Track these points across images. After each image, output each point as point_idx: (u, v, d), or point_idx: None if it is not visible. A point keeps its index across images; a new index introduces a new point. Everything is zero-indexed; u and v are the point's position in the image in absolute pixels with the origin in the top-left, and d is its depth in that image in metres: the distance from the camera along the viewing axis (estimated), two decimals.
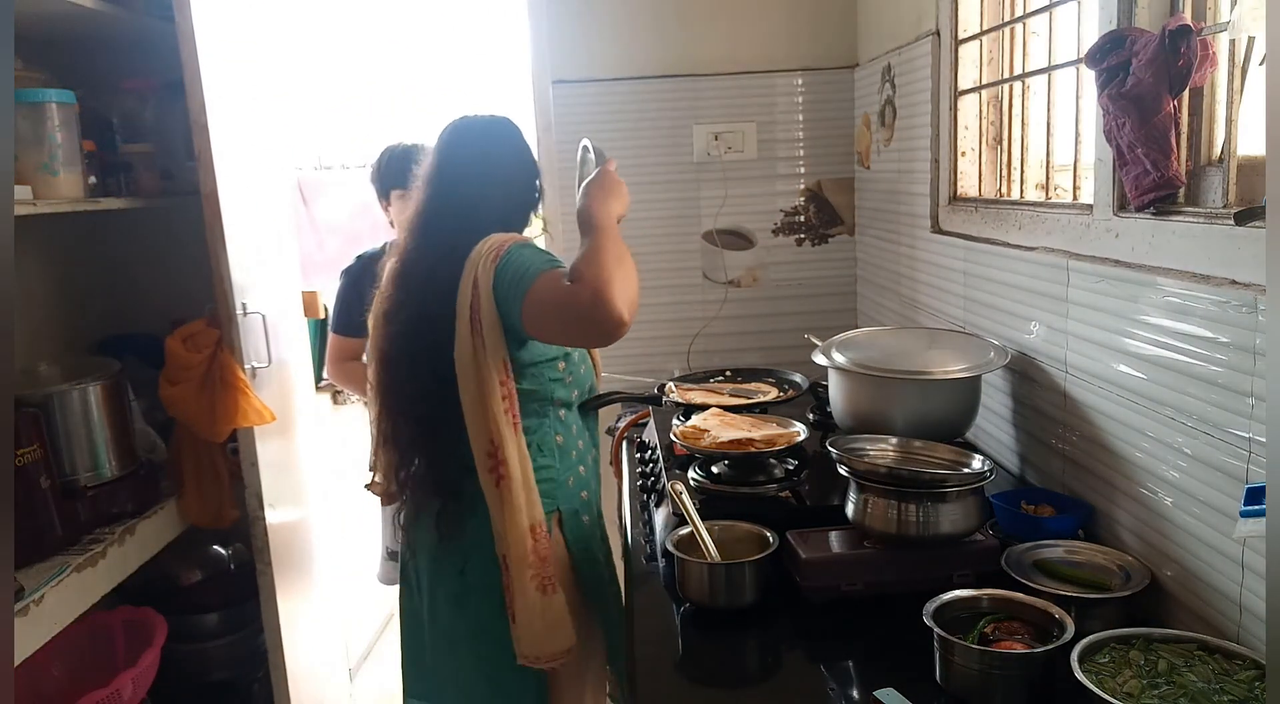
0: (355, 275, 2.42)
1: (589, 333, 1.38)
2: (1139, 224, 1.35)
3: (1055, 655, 1.09)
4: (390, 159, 2.44)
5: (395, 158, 2.42)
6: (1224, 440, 1.15)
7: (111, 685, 1.87)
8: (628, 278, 1.37)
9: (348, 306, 2.39)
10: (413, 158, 2.21)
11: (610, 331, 1.33)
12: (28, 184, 1.82)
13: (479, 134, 1.65)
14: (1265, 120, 0.87)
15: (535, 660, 1.52)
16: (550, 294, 1.40)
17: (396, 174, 2.37)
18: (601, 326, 1.33)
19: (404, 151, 2.43)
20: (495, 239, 1.52)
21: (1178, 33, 1.22)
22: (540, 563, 1.51)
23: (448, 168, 1.62)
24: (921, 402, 1.68)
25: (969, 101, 2.07)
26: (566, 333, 1.47)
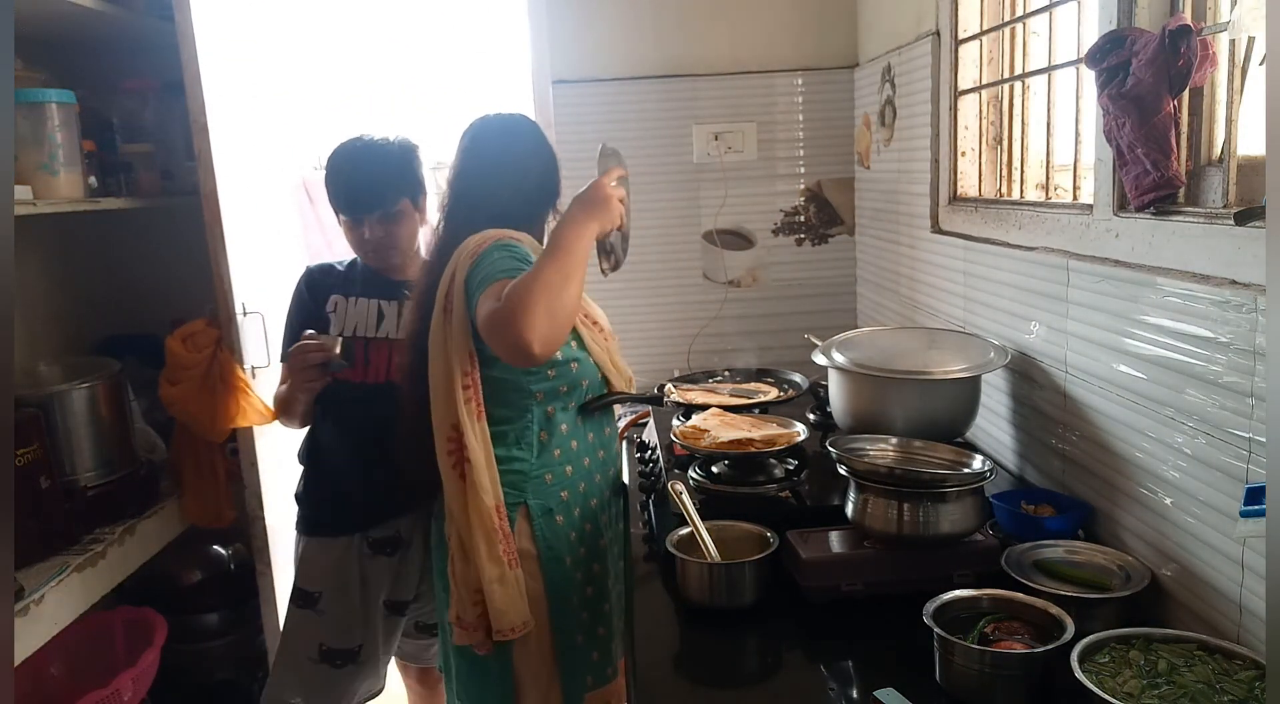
0: (299, 296, 1.95)
1: (502, 351, 1.38)
2: (1139, 224, 1.35)
3: (1055, 655, 1.09)
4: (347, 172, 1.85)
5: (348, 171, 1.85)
6: (1224, 440, 1.15)
7: (111, 685, 1.87)
8: (556, 308, 1.34)
9: (290, 333, 1.94)
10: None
11: (517, 357, 1.35)
12: (28, 184, 1.82)
13: (498, 132, 1.69)
14: (1265, 120, 0.87)
15: (508, 633, 1.51)
16: (484, 308, 1.42)
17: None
18: (511, 350, 1.34)
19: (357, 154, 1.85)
20: (484, 235, 1.55)
21: (1178, 33, 1.22)
22: (504, 539, 1.52)
23: (470, 166, 1.67)
24: (921, 402, 1.68)
25: (969, 101, 2.07)
26: (491, 345, 1.44)
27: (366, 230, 1.81)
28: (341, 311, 1.90)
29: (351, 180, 1.81)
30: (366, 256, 1.88)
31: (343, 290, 1.91)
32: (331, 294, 1.91)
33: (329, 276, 1.94)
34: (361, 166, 1.81)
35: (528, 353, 1.31)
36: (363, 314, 1.89)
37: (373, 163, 1.81)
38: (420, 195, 1.90)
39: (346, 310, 1.89)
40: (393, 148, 1.84)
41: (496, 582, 1.50)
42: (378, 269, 1.91)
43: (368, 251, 1.86)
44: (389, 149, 1.84)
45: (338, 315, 1.90)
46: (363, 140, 1.84)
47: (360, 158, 1.82)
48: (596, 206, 1.50)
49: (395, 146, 1.85)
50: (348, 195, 1.82)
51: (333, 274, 1.95)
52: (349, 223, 1.83)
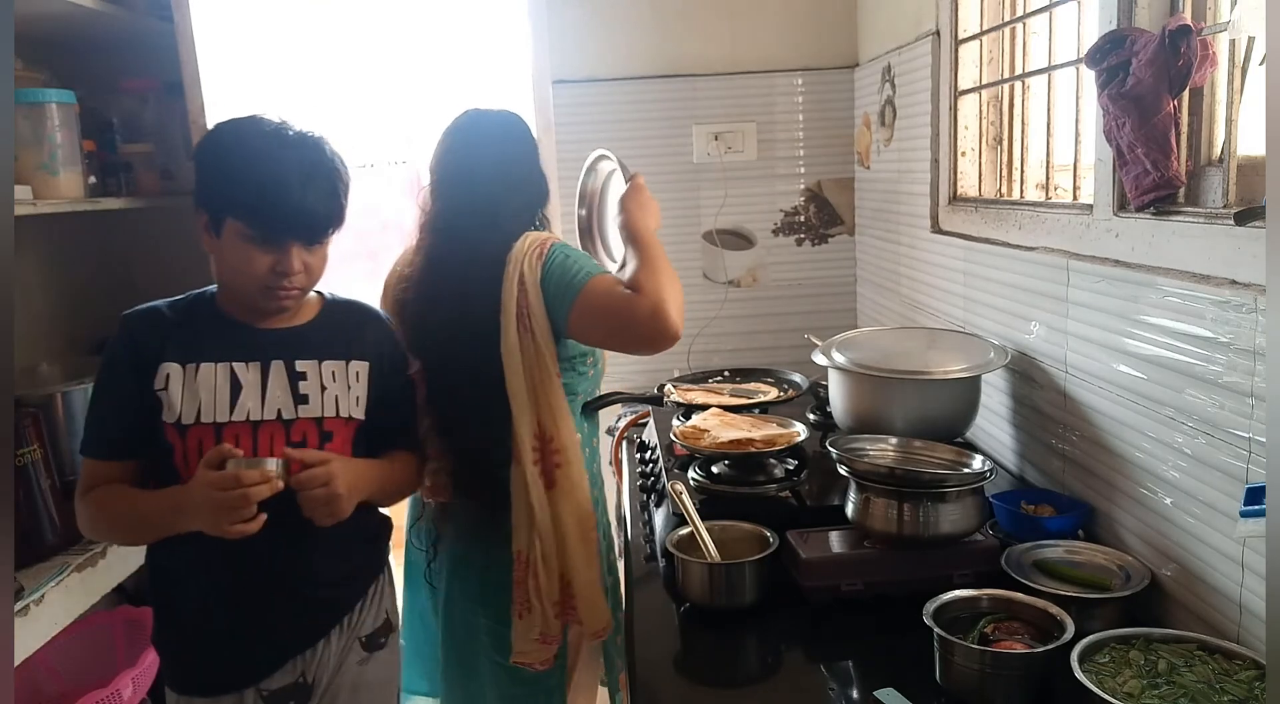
0: (114, 364, 1.37)
1: (641, 342, 1.41)
2: (1139, 224, 1.35)
3: (1055, 655, 1.09)
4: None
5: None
6: (1224, 440, 1.15)
7: (111, 685, 1.87)
8: (680, 294, 1.44)
9: (101, 420, 1.39)
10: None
11: (664, 343, 1.39)
12: (28, 184, 1.81)
13: (498, 133, 1.63)
14: (1265, 120, 0.87)
15: (603, 633, 1.56)
16: (607, 300, 1.43)
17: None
18: (657, 338, 1.38)
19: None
20: (535, 236, 1.54)
21: (1178, 33, 1.22)
22: (596, 541, 1.55)
23: (467, 166, 1.60)
24: (921, 402, 1.68)
25: (969, 101, 2.07)
26: (614, 338, 1.48)
27: (296, 261, 1.32)
28: (177, 392, 1.32)
29: (306, 190, 1.30)
30: (271, 297, 1.34)
31: (179, 355, 1.34)
32: (163, 363, 1.33)
33: (157, 331, 1.36)
34: (318, 172, 1.33)
35: (675, 334, 1.39)
36: (209, 389, 1.33)
37: (325, 165, 1.35)
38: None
39: (184, 388, 1.33)
40: (327, 144, 1.38)
41: (596, 583, 1.53)
42: (254, 314, 1.38)
43: (281, 290, 1.34)
44: (325, 146, 1.37)
45: (170, 396, 1.32)
46: (290, 130, 1.34)
47: (310, 159, 1.33)
48: (649, 205, 1.61)
49: (327, 142, 1.39)
50: (297, 211, 1.30)
51: (163, 326, 1.37)
52: (265, 248, 1.30)
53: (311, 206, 1.32)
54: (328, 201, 1.34)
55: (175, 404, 1.33)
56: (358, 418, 1.42)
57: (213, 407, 1.34)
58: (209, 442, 1.32)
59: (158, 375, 1.34)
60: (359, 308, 1.52)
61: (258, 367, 1.37)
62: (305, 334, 1.43)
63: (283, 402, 1.37)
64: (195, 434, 1.33)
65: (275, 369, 1.38)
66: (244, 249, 1.30)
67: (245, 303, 1.38)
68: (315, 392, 1.39)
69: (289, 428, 1.37)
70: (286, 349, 1.40)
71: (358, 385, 1.43)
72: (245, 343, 1.38)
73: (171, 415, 1.33)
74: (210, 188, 1.33)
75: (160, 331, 1.37)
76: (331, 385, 1.41)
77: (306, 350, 1.41)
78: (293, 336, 1.42)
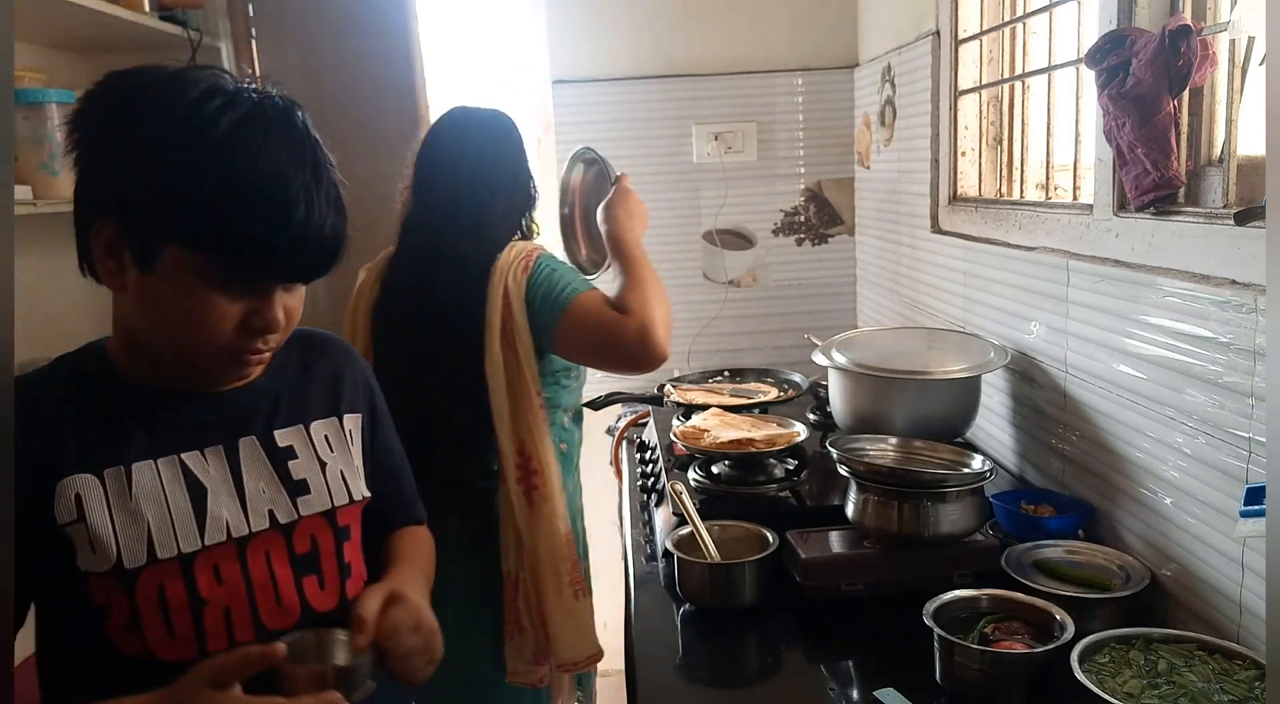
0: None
1: (627, 363, 1.41)
2: (1139, 224, 1.35)
3: (1055, 655, 1.09)
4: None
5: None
6: (1224, 440, 1.15)
7: None
8: (668, 313, 1.43)
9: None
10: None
11: (650, 366, 1.39)
12: (28, 184, 1.82)
13: (483, 131, 1.57)
14: (1265, 120, 0.87)
15: (572, 667, 1.52)
16: (594, 319, 1.42)
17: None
18: (644, 361, 1.37)
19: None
20: (520, 247, 1.51)
21: (1178, 33, 1.22)
22: (573, 569, 1.52)
23: (448, 164, 1.54)
24: (921, 402, 1.68)
25: (969, 101, 2.07)
26: (598, 358, 1.47)
27: (279, 310, 0.90)
28: (101, 521, 0.86)
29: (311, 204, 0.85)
30: (236, 363, 0.91)
31: (90, 459, 0.88)
32: (63, 478, 0.86)
33: (39, 426, 0.87)
34: (320, 171, 0.88)
35: (662, 357, 1.38)
36: (155, 502, 0.89)
37: (321, 156, 0.89)
38: None
39: (111, 512, 0.87)
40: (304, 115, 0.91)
41: (566, 615, 1.49)
42: (192, 377, 0.93)
43: (251, 354, 0.91)
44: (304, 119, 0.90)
45: (93, 529, 0.86)
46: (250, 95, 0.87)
47: (303, 147, 0.88)
48: (635, 210, 1.56)
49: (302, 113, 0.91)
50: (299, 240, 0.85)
51: (45, 414, 0.88)
52: (236, 293, 0.86)
53: (318, 230, 0.85)
54: (337, 220, 0.88)
55: (105, 540, 0.86)
56: (367, 495, 1.06)
57: (169, 530, 0.89)
58: (175, 588, 0.88)
59: (58, 502, 0.85)
60: (317, 337, 1.10)
61: (220, 453, 0.94)
62: (270, 389, 1.00)
63: (273, 497, 0.96)
64: (150, 581, 0.87)
65: (248, 451, 0.96)
66: (198, 294, 0.84)
67: (183, 368, 0.92)
68: (313, 472, 0.99)
69: (290, 536, 0.96)
70: (255, 417, 0.98)
71: (355, 448, 1.06)
72: (192, 419, 0.93)
73: (101, 560, 0.86)
74: (136, 194, 0.83)
75: (44, 425, 0.87)
76: (331, 457, 1.02)
77: (283, 413, 1.00)
78: (256, 397, 0.98)
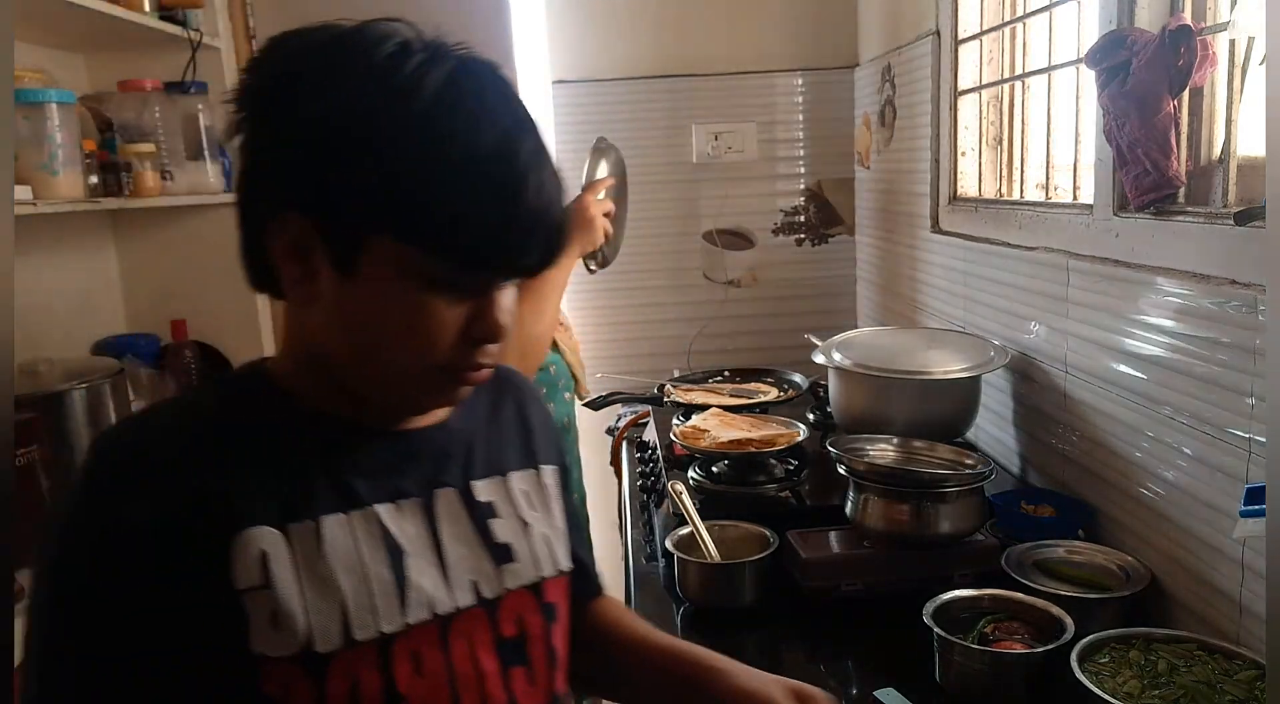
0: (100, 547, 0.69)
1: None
2: (1139, 224, 1.35)
3: (1055, 655, 1.09)
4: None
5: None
6: (1224, 440, 1.15)
7: None
8: (548, 329, 1.45)
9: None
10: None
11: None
12: (28, 184, 1.82)
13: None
14: (1265, 120, 0.87)
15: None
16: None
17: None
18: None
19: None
20: None
21: (1178, 33, 1.22)
22: None
23: None
24: (921, 402, 1.68)
25: (969, 101, 2.07)
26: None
27: (504, 315, 0.74)
28: (289, 587, 0.68)
29: (541, 190, 0.70)
30: (451, 385, 0.75)
31: (275, 508, 0.69)
32: (244, 530, 0.67)
33: (205, 465, 0.69)
34: (545, 154, 0.72)
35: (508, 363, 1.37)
36: (351, 568, 0.71)
37: (543, 140, 0.73)
38: None
39: (301, 575, 0.68)
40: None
41: None
42: (384, 411, 0.77)
43: (470, 371, 0.74)
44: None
45: (279, 597, 0.67)
46: (468, 63, 0.71)
47: (529, 127, 0.72)
48: (579, 230, 1.51)
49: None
50: (531, 231, 0.71)
51: (224, 434, 0.72)
52: (458, 296, 0.71)
53: (549, 210, 0.70)
54: (562, 209, 0.73)
55: (293, 615, 0.66)
56: (570, 567, 0.88)
57: (368, 605, 0.70)
58: (371, 680, 0.69)
59: (237, 560, 0.66)
60: (501, 371, 0.87)
61: (417, 507, 0.76)
62: (463, 431, 0.83)
63: (476, 565, 0.77)
64: (343, 670, 0.68)
65: (447, 505, 0.78)
66: (413, 300, 0.69)
67: (382, 397, 0.75)
68: (516, 534, 0.82)
69: (495, 615, 0.77)
70: (450, 463, 0.80)
71: (556, 507, 0.89)
72: (384, 463, 0.76)
73: (285, 641, 0.67)
74: (331, 178, 0.67)
75: (212, 460, 0.69)
76: (533, 517, 0.84)
77: (479, 461, 0.83)
78: (449, 438, 0.81)
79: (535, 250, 0.71)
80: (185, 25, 2.21)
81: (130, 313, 2.56)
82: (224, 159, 2.44)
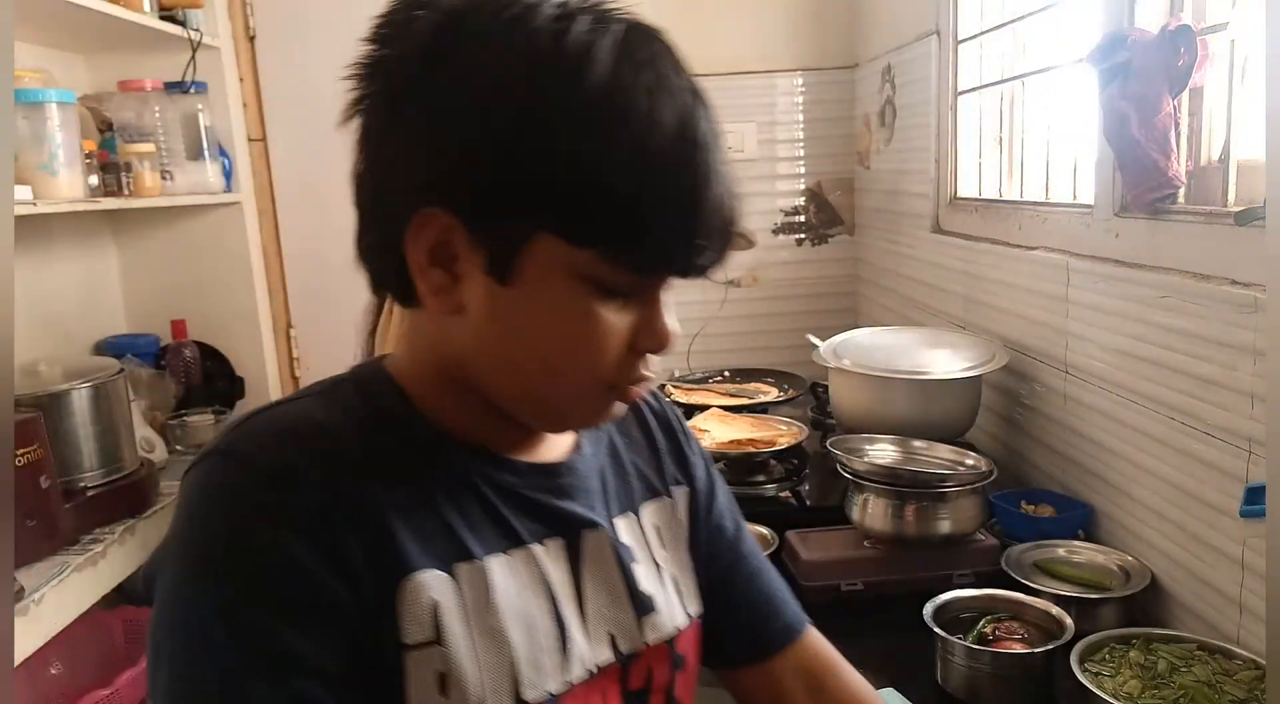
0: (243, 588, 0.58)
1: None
2: (1139, 224, 1.35)
3: (1055, 655, 1.09)
4: None
5: None
6: (1224, 440, 1.15)
7: (112, 685, 1.87)
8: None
9: None
10: None
11: None
12: (28, 184, 1.82)
13: None
14: (1265, 121, 0.87)
15: None
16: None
17: None
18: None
19: None
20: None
21: (1178, 33, 1.22)
22: None
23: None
24: (921, 402, 1.68)
25: (969, 101, 2.07)
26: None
27: (669, 313, 0.64)
28: (461, 642, 0.59)
29: (725, 181, 0.61)
30: (608, 403, 0.66)
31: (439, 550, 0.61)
32: (411, 575, 0.59)
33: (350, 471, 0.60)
34: (721, 140, 0.62)
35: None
36: (518, 617, 0.63)
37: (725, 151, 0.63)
38: None
39: (472, 624, 0.61)
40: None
41: None
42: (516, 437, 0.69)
43: (632, 386, 0.65)
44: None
45: (450, 654, 0.59)
46: (683, 83, 0.63)
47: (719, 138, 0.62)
48: None
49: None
50: (719, 226, 0.61)
51: (374, 457, 0.61)
52: (628, 301, 0.62)
53: (730, 199, 0.61)
54: (737, 197, 0.62)
55: (468, 677, 0.59)
56: (701, 611, 0.78)
57: (535, 659, 0.63)
58: None
59: (405, 610, 0.58)
60: None
61: (560, 548, 0.68)
62: (596, 458, 0.74)
63: (615, 616, 0.69)
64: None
65: (593, 548, 0.69)
66: (579, 307, 0.59)
67: (531, 418, 0.67)
68: (653, 580, 0.73)
69: (628, 670, 0.70)
70: (593, 497, 0.72)
71: (684, 540, 0.80)
72: (533, 495, 0.67)
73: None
74: (488, 166, 0.57)
75: (369, 496, 0.59)
76: (664, 557, 0.76)
77: (614, 494, 0.74)
78: (587, 467, 0.72)
79: (717, 247, 0.61)
80: (185, 25, 2.21)
81: (130, 313, 2.56)
82: (224, 159, 2.45)
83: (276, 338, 2.68)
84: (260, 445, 0.59)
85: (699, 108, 0.60)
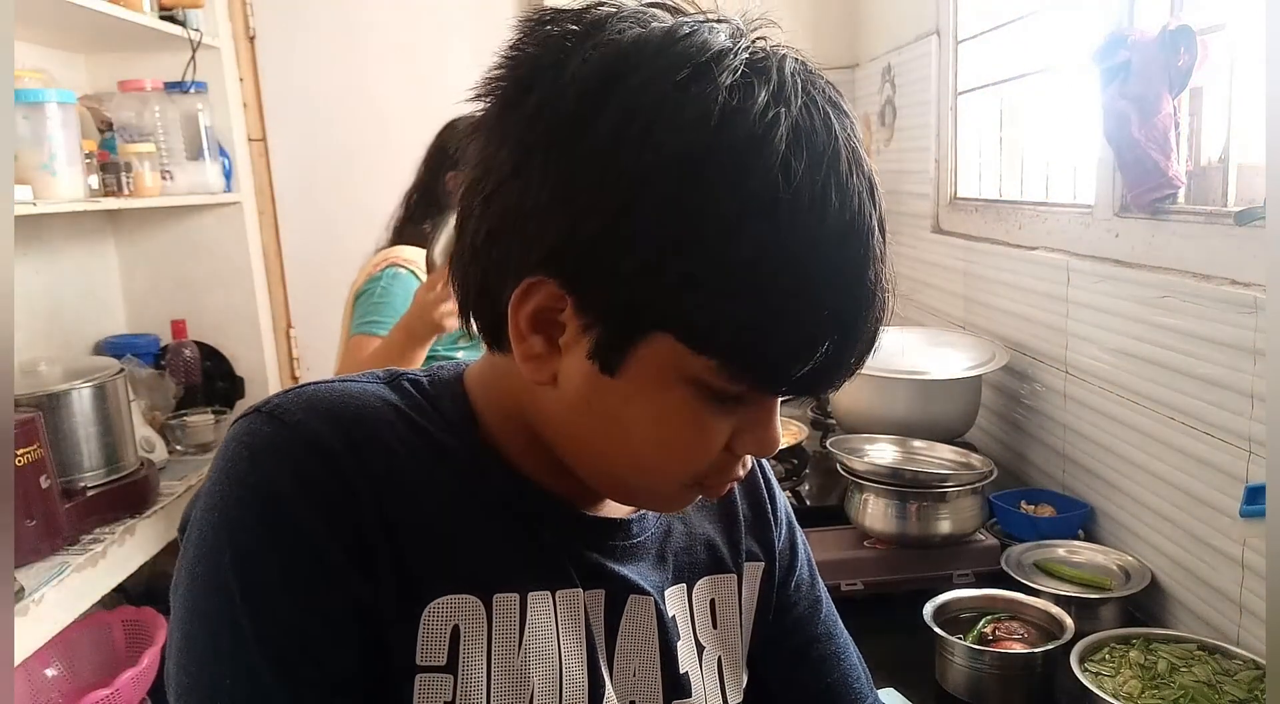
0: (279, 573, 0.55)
1: None
2: (1139, 224, 1.35)
3: (1055, 655, 1.09)
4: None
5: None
6: (1224, 440, 1.15)
7: (112, 685, 1.87)
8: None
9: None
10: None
11: None
12: (28, 184, 1.82)
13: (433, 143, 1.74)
14: (1265, 121, 0.87)
15: None
16: (348, 362, 1.55)
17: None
18: None
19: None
20: (386, 253, 1.63)
21: (1178, 33, 1.22)
22: None
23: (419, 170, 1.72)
24: (921, 402, 1.68)
25: (969, 101, 2.07)
26: None
27: (778, 419, 0.59)
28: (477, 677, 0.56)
29: (877, 301, 0.55)
30: (685, 498, 0.62)
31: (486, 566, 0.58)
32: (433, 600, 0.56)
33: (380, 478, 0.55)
34: (887, 276, 0.55)
35: None
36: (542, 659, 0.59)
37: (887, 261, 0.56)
38: None
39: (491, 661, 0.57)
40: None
41: None
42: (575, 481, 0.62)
43: (715, 487, 0.61)
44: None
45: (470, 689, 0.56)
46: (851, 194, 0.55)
47: (883, 247, 0.56)
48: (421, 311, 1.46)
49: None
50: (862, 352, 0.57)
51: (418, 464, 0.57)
52: (734, 408, 0.56)
53: (882, 316, 0.56)
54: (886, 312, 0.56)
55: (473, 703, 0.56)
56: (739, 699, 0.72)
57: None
58: None
59: (424, 628, 0.56)
60: None
61: (600, 601, 0.63)
62: (661, 523, 0.69)
63: (645, 689, 0.64)
64: None
65: (637, 613, 0.64)
66: (684, 409, 0.55)
67: (602, 488, 0.63)
68: (693, 661, 0.68)
69: None
70: (646, 563, 0.67)
71: (746, 620, 0.73)
72: (592, 548, 0.64)
73: None
74: (613, 251, 0.50)
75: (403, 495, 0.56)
76: (711, 637, 0.70)
77: (673, 564, 0.69)
78: (646, 531, 0.67)
79: (852, 371, 0.55)
80: (185, 25, 2.22)
81: (130, 313, 2.56)
82: (224, 159, 2.45)
83: (276, 338, 2.69)
84: (309, 413, 0.55)
85: (869, 209, 0.54)
